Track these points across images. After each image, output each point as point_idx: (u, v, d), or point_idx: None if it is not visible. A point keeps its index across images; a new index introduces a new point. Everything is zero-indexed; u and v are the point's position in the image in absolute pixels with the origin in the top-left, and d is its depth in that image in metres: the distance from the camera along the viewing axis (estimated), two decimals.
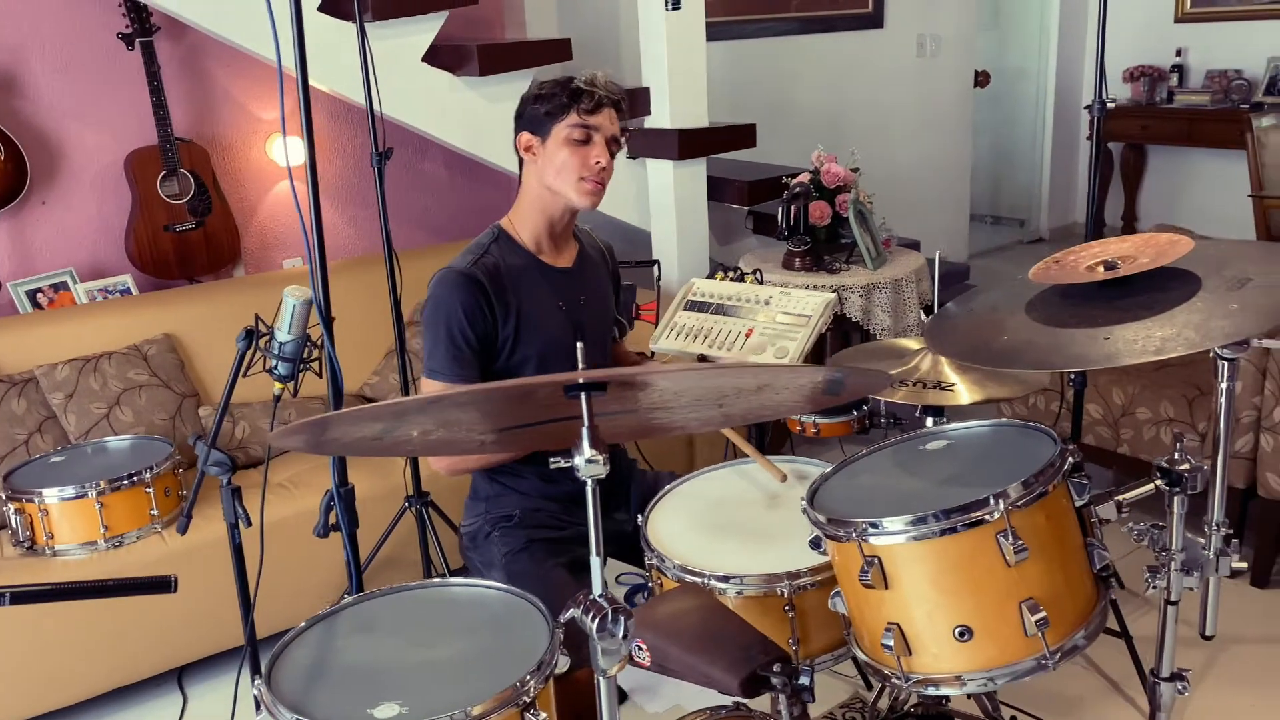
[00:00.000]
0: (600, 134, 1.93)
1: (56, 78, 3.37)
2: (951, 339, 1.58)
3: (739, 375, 1.20)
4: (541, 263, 1.99)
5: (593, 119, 1.92)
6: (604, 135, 1.93)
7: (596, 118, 1.92)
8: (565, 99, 1.92)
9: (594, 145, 1.92)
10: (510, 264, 1.95)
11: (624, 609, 1.13)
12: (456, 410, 1.16)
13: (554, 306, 1.97)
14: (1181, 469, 1.52)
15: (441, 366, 1.87)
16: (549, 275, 1.99)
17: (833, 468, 1.60)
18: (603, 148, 1.93)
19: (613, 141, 1.96)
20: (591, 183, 1.92)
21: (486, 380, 1.89)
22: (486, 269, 1.91)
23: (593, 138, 1.92)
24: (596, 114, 1.92)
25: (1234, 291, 1.42)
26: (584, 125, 1.91)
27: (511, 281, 1.93)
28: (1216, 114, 5.73)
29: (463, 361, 1.86)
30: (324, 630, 1.52)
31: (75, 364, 2.92)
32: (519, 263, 1.96)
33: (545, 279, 1.98)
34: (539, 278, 1.97)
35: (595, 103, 1.92)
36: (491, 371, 1.92)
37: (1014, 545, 1.31)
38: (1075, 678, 2.58)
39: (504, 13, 4.34)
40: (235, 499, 2.02)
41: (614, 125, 1.96)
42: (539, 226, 1.99)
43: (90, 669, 2.57)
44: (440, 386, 1.86)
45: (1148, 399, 3.03)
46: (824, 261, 3.53)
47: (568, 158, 1.91)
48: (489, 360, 1.92)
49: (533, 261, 1.98)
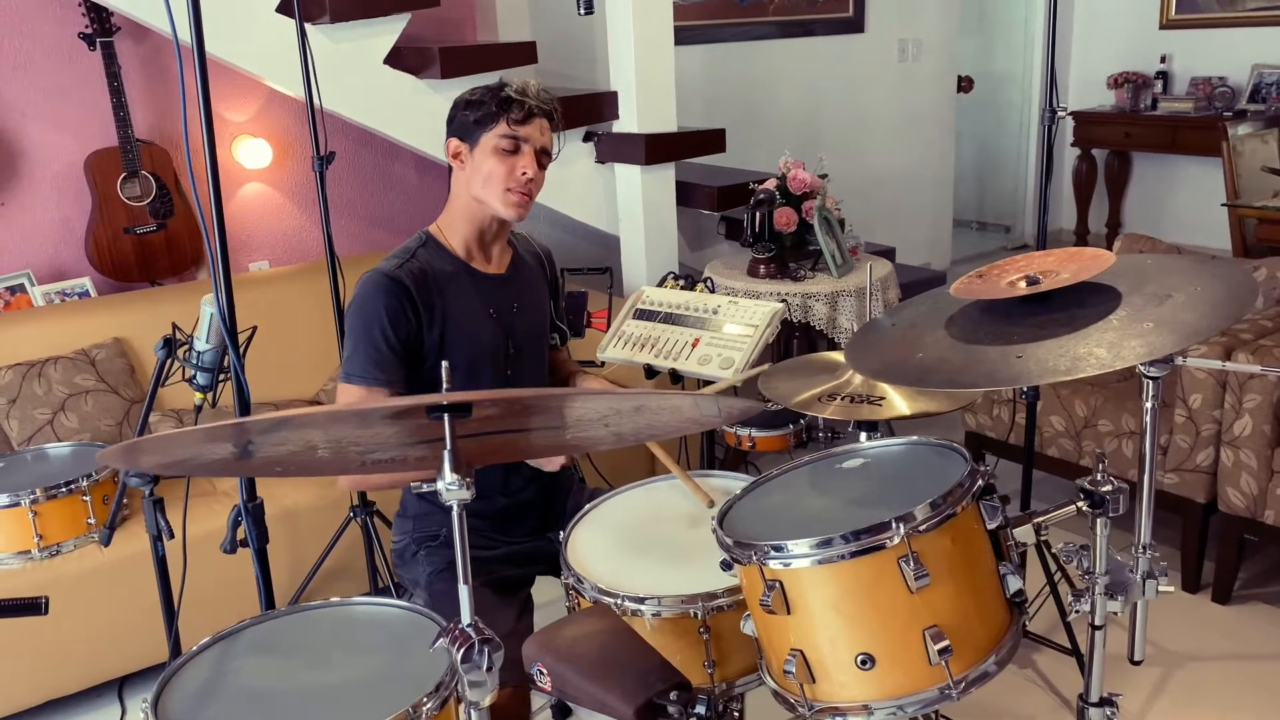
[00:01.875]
0: (529, 145, 1.88)
1: (15, 76, 3.33)
2: (871, 354, 1.54)
3: (611, 398, 1.16)
4: (471, 269, 1.95)
5: (522, 129, 1.87)
6: (533, 146, 1.89)
7: (526, 128, 1.88)
8: (494, 107, 1.87)
9: (522, 156, 1.88)
10: (438, 269, 1.91)
11: (492, 640, 1.09)
12: (309, 430, 1.12)
13: (484, 314, 1.93)
14: (1104, 490, 1.47)
15: (360, 370, 1.82)
16: (479, 282, 1.95)
17: (746, 486, 1.56)
18: (531, 159, 1.88)
19: (543, 153, 1.91)
20: (517, 194, 1.88)
21: (409, 384, 1.84)
22: (412, 273, 1.86)
23: (521, 148, 1.88)
24: (526, 124, 1.88)
25: (1153, 308, 1.38)
26: (512, 135, 1.87)
27: (438, 286, 1.89)
28: (1200, 121, 5.69)
29: (383, 365, 1.82)
30: (221, 651, 1.48)
31: (19, 368, 2.88)
32: (447, 268, 1.92)
33: (475, 286, 1.94)
34: (468, 284, 1.93)
35: (525, 112, 1.87)
36: (418, 377, 1.88)
37: (915, 571, 1.27)
38: (1027, 694, 2.54)
39: (476, 14, 4.31)
40: (157, 511, 1.98)
41: (545, 136, 1.92)
42: (468, 234, 1.95)
43: (27, 678, 2.53)
44: (358, 391, 1.82)
45: (1109, 411, 2.98)
46: (789, 268, 3.49)
47: (494, 167, 1.87)
48: (414, 365, 1.87)
49: (462, 268, 1.94)
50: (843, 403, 1.85)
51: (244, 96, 3.76)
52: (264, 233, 3.91)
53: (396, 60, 3.40)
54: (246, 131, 3.78)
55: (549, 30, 4.27)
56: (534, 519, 2.05)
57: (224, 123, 3.73)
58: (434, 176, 4.21)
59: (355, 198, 4.09)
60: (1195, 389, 2.75)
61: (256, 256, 3.93)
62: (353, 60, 3.30)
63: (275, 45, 3.09)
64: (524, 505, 2.03)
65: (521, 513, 2.03)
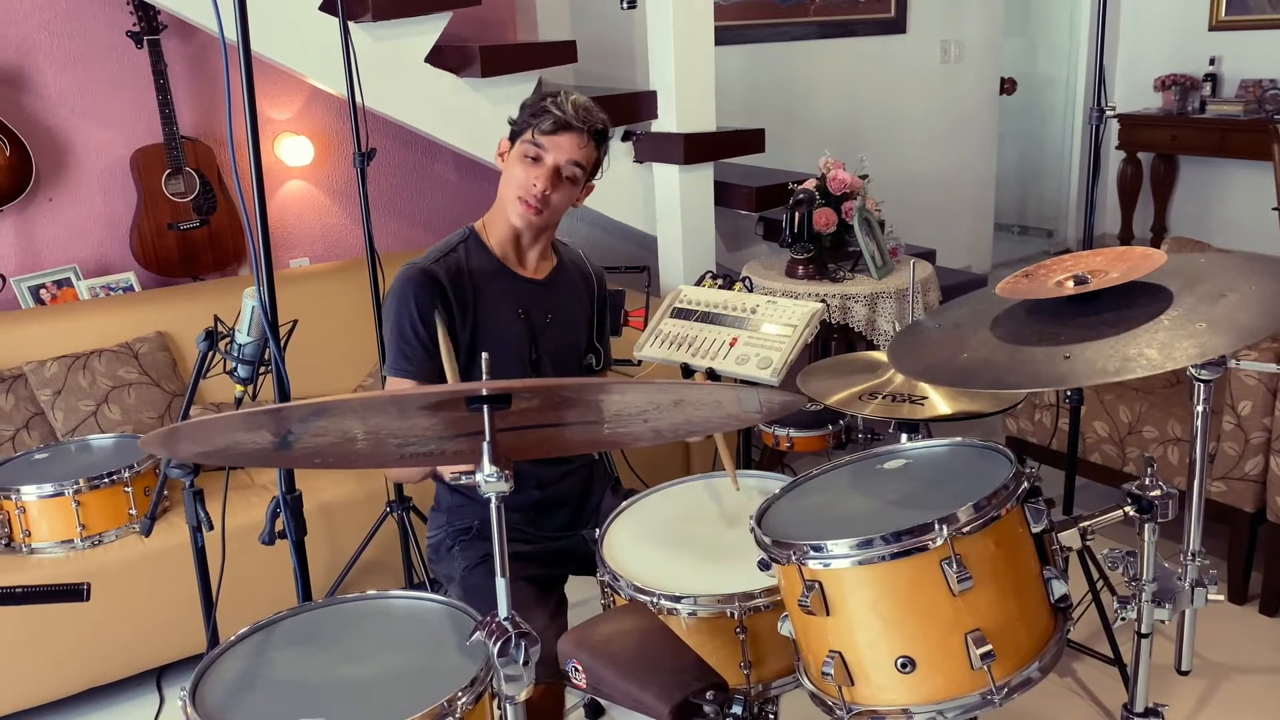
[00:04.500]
0: (550, 157, 1.87)
1: (65, 75, 3.39)
2: (914, 355, 1.51)
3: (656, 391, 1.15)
4: (509, 270, 1.95)
5: (547, 140, 1.87)
6: (555, 160, 1.87)
7: (552, 139, 1.87)
8: (530, 115, 1.89)
9: (540, 167, 1.87)
10: (475, 266, 1.91)
11: (529, 634, 1.08)
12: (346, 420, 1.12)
13: (513, 314, 1.93)
14: (1152, 495, 1.44)
15: (391, 363, 1.84)
16: (515, 283, 1.95)
17: (785, 486, 1.54)
18: (547, 173, 1.87)
19: (570, 166, 1.89)
20: (524, 204, 1.88)
21: (440, 377, 1.85)
22: (449, 267, 1.88)
23: (543, 159, 1.87)
24: (554, 136, 1.87)
25: (1206, 308, 1.34)
26: (536, 144, 1.87)
27: (473, 283, 1.89)
28: (1249, 124, 5.57)
29: (411, 357, 1.83)
30: (259, 642, 1.49)
31: (65, 361, 2.92)
32: (485, 266, 1.93)
33: (511, 286, 1.94)
34: (503, 284, 1.93)
35: (554, 125, 1.87)
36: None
37: (958, 574, 1.24)
38: (1068, 704, 2.50)
39: (516, 14, 4.32)
40: (197, 502, 2.00)
41: (575, 152, 1.88)
42: (504, 234, 1.95)
43: (68, 666, 2.56)
44: (392, 385, 1.83)
45: (1155, 417, 2.93)
46: (828, 269, 3.46)
47: (516, 173, 1.89)
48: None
49: (499, 267, 1.94)
50: (883, 401, 1.83)
51: (286, 94, 3.79)
52: (304, 230, 3.94)
53: (437, 59, 3.41)
54: (288, 129, 3.81)
55: (589, 29, 4.27)
56: (567, 513, 2.04)
57: (266, 120, 3.76)
58: (473, 176, 4.23)
59: (395, 196, 4.11)
60: (1245, 396, 2.69)
61: (296, 254, 3.96)
62: (394, 58, 3.31)
63: (318, 43, 3.12)
64: (557, 499, 2.02)
65: (554, 506, 2.02)
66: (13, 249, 3.37)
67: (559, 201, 1.90)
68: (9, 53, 3.28)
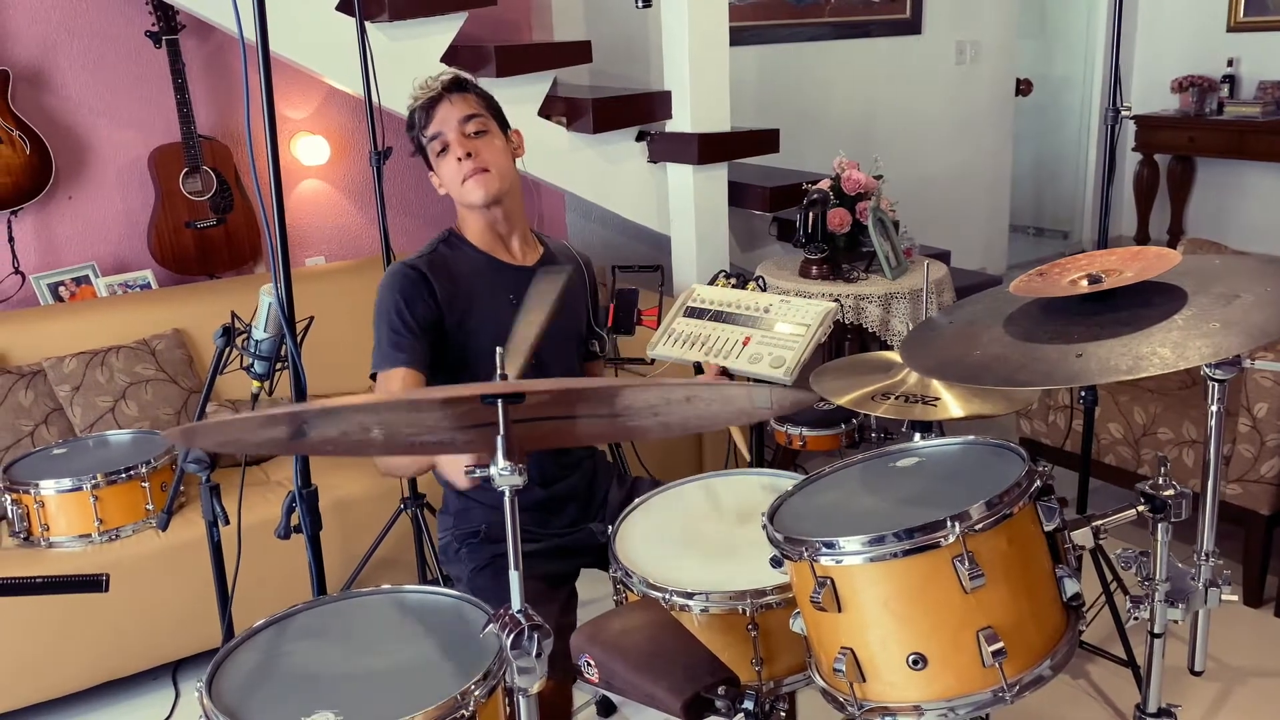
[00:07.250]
0: (449, 133, 1.91)
1: (85, 74, 3.42)
2: (926, 351, 1.52)
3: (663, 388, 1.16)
4: (494, 259, 1.99)
5: (434, 126, 1.91)
6: (453, 132, 1.91)
7: (435, 121, 1.91)
8: (415, 132, 1.96)
9: (451, 146, 1.91)
10: (459, 259, 1.96)
11: (542, 627, 1.09)
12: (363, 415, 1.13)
13: (506, 301, 1.94)
14: (1165, 494, 1.44)
15: (380, 355, 1.86)
16: (502, 271, 1.99)
17: (797, 483, 1.54)
18: (459, 142, 1.90)
19: (466, 123, 1.91)
20: (470, 179, 1.91)
21: (434, 364, 1.87)
22: (432, 262, 1.92)
23: (447, 139, 1.91)
24: (433, 118, 1.91)
25: (1221, 308, 1.34)
26: (433, 138, 1.92)
27: (460, 271, 1.94)
28: (1268, 126, 5.54)
29: (401, 345, 1.85)
30: (273, 635, 1.50)
31: (83, 357, 2.95)
32: (469, 258, 1.98)
33: (498, 275, 1.98)
34: (490, 273, 1.97)
35: (425, 113, 1.92)
36: (442, 359, 1.90)
37: (969, 571, 1.25)
38: (1080, 705, 2.49)
39: (532, 14, 4.33)
40: (214, 497, 2.02)
41: (458, 111, 1.91)
42: (480, 225, 1.99)
43: (85, 660, 2.59)
44: (384, 377, 1.85)
45: (1170, 419, 2.92)
46: (841, 270, 3.46)
47: (447, 171, 1.93)
48: (438, 347, 1.89)
49: (486, 257, 1.99)
50: (896, 402, 1.83)
51: (303, 94, 3.81)
52: (320, 228, 3.96)
53: (453, 59, 3.43)
54: (305, 128, 3.83)
55: (604, 30, 4.28)
56: (574, 510, 2.05)
57: (283, 119, 3.78)
58: None
59: (409, 196, 4.13)
60: (1260, 397, 2.68)
61: (312, 252, 3.98)
62: (410, 58, 3.33)
63: (335, 43, 3.13)
64: (562, 496, 2.03)
65: (560, 504, 2.03)
66: (32, 246, 3.41)
67: (492, 157, 1.93)
68: (30, 52, 3.31)
